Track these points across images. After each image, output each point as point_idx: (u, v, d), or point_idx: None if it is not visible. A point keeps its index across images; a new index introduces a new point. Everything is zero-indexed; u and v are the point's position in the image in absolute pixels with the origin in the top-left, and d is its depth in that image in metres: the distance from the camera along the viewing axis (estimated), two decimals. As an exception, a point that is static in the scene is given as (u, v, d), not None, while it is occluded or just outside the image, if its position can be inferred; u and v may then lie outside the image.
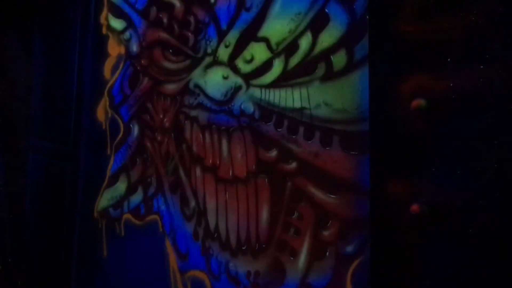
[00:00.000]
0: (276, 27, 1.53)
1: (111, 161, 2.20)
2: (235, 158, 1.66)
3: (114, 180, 2.19)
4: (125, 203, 2.13)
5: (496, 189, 0.90)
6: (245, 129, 1.62)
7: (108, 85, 2.24)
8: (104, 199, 2.23)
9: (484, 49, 0.92)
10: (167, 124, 1.94)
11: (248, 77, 1.62)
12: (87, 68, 2.33)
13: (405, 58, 1.05)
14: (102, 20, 2.30)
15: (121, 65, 2.18)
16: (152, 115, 2.02)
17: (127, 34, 2.16)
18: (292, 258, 1.45)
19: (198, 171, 1.80)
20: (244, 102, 1.62)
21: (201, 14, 1.81)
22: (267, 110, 1.54)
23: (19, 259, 2.70)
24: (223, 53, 1.71)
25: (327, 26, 1.39)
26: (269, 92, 1.54)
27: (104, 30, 2.29)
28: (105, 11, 2.30)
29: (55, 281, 2.42)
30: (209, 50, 1.77)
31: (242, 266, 1.62)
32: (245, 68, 1.63)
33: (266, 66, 1.56)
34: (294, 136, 1.46)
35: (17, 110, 2.78)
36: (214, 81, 1.74)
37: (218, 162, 1.72)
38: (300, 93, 1.45)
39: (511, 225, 0.88)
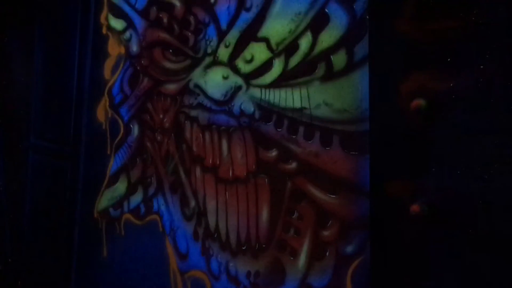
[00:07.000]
0: (276, 27, 1.53)
1: (111, 161, 2.20)
2: (235, 158, 1.66)
3: (114, 180, 2.19)
4: (125, 203, 2.13)
5: (496, 189, 0.90)
6: (245, 129, 1.62)
7: (108, 85, 2.24)
8: (104, 199, 2.23)
9: (484, 49, 0.92)
10: (167, 124, 1.94)
11: (248, 77, 1.62)
12: (87, 68, 2.33)
13: (405, 58, 1.05)
14: (102, 20, 2.30)
15: (121, 65, 2.18)
16: (152, 115, 2.02)
17: (127, 34, 2.16)
18: (292, 258, 1.45)
19: (198, 171, 1.80)
20: (244, 102, 1.62)
21: (201, 14, 1.81)
22: (267, 110, 1.54)
23: (19, 259, 2.69)
24: (223, 53, 1.71)
25: (327, 26, 1.39)
26: (269, 92, 1.54)
27: (104, 30, 2.29)
28: (105, 11, 2.29)
29: (55, 281, 2.42)
30: (209, 50, 1.77)
31: (242, 266, 1.62)
32: (245, 68, 1.63)
33: (266, 66, 1.56)
34: (294, 136, 1.46)
35: (17, 110, 2.78)
36: (214, 81, 1.74)
37: (218, 162, 1.72)
38: (300, 93, 1.45)
39: (511, 225, 0.88)
